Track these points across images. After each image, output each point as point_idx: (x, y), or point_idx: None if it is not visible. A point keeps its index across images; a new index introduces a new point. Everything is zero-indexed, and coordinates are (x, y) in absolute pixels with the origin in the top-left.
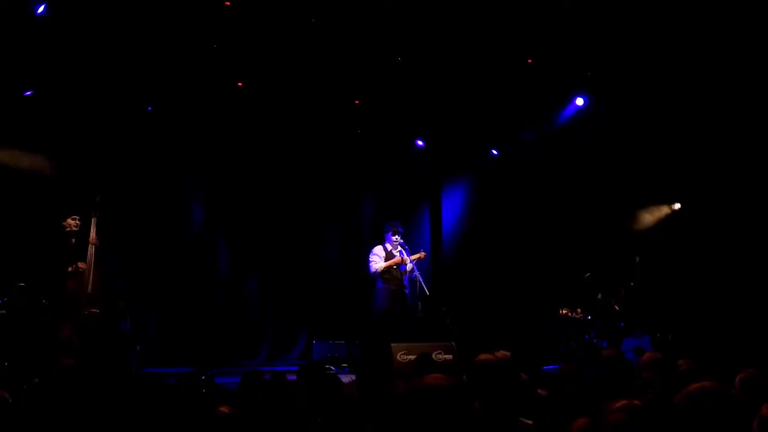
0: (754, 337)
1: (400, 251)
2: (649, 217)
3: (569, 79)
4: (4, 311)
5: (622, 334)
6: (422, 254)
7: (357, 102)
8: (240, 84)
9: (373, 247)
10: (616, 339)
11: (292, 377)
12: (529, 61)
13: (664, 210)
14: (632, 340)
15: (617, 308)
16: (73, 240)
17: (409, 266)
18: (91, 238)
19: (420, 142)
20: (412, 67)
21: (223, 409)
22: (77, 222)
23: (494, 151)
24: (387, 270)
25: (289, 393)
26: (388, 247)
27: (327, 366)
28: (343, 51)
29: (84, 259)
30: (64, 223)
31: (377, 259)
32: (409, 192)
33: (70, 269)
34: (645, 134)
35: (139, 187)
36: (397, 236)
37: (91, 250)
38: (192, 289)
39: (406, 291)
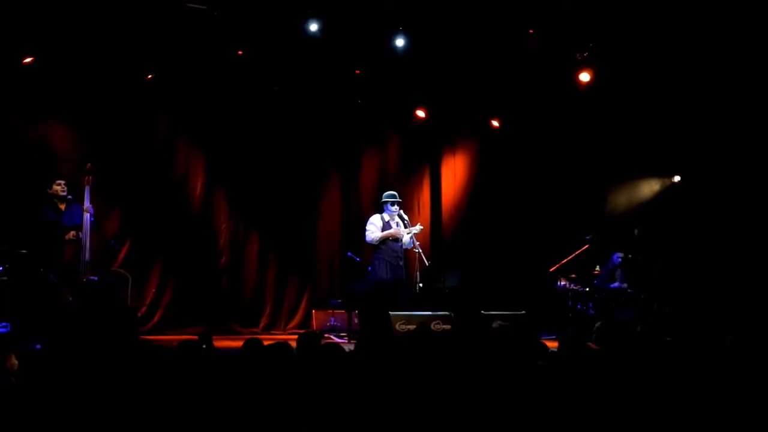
0: (748, 311)
1: (397, 222)
2: (649, 188)
3: (571, 51)
4: (6, 278)
5: (618, 305)
6: (420, 227)
7: (357, 72)
8: (240, 53)
9: (370, 216)
10: (610, 310)
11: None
12: (531, 31)
13: (664, 182)
14: (629, 311)
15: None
16: (63, 206)
17: (405, 239)
18: (85, 206)
19: (420, 112)
20: (414, 34)
21: None
22: (63, 187)
23: (494, 120)
24: (383, 240)
25: (292, 362)
26: (386, 217)
27: (326, 335)
28: (344, 18)
29: (79, 227)
30: (50, 191)
31: (374, 229)
32: (410, 159)
33: (65, 237)
34: (646, 105)
35: (134, 150)
36: (395, 206)
37: (86, 217)
38: (191, 256)
39: (401, 263)
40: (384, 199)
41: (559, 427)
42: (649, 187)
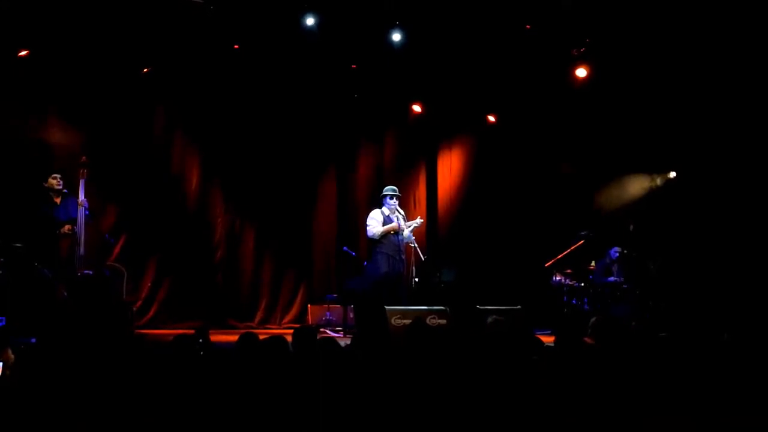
0: (744, 308)
1: (397, 216)
2: (644, 184)
3: (568, 46)
4: (1, 272)
5: (613, 300)
6: (420, 221)
7: (354, 66)
8: (236, 47)
9: (371, 211)
10: (605, 305)
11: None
12: (527, 27)
13: (660, 178)
14: (624, 306)
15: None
16: (58, 200)
17: (405, 233)
18: (79, 200)
19: (417, 107)
20: (411, 29)
21: None
22: (58, 181)
23: (491, 116)
24: (384, 235)
25: (288, 355)
26: (386, 211)
27: (322, 329)
28: (340, 13)
29: (74, 221)
30: (46, 185)
31: (374, 224)
32: (406, 154)
33: (60, 231)
34: (643, 100)
35: (130, 145)
36: (395, 200)
37: (80, 211)
38: (187, 251)
39: (402, 256)
40: (384, 193)
41: (554, 421)
42: (644, 183)
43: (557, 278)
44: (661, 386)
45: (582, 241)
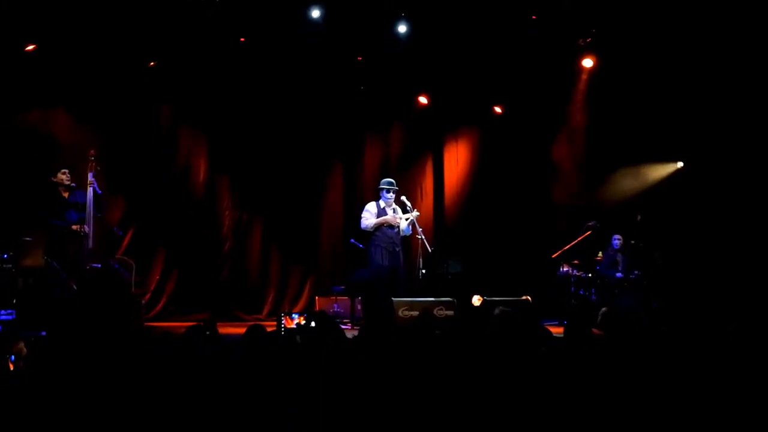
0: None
1: (394, 209)
2: (652, 175)
3: (573, 36)
4: (10, 266)
5: (620, 290)
6: (416, 213)
7: (360, 59)
8: (242, 39)
9: (367, 204)
10: (612, 296)
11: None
12: (534, 17)
13: (667, 168)
14: (631, 298)
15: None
16: (66, 194)
17: (403, 225)
18: (89, 180)
19: (423, 99)
20: (416, 20)
21: None
22: (68, 176)
23: (497, 107)
24: (378, 227)
25: (296, 348)
26: (382, 204)
27: None
28: (346, 5)
29: (82, 220)
30: (55, 179)
31: (368, 216)
32: (412, 146)
33: (68, 228)
34: (650, 89)
35: (137, 138)
36: (391, 194)
37: (89, 198)
38: (195, 243)
39: (397, 249)
40: (381, 186)
41: (562, 414)
42: (652, 174)
43: (564, 269)
44: (664, 382)
45: (589, 232)
